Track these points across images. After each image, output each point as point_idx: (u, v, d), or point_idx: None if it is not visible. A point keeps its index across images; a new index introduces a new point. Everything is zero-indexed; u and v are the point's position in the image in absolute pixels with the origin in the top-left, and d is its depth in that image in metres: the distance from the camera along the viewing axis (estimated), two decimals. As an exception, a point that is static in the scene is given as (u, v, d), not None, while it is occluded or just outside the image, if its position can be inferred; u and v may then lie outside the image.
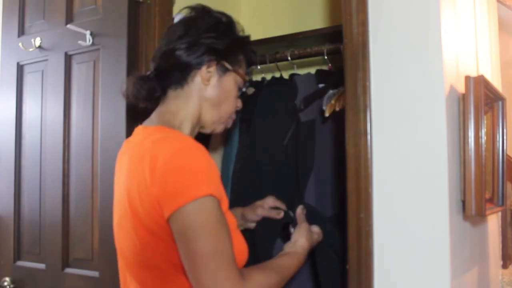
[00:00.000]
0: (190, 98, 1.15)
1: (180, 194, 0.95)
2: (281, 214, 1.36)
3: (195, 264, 0.94)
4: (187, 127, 1.15)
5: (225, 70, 1.16)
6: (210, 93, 1.15)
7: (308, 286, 1.57)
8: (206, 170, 0.99)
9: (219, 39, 1.14)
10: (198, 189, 0.95)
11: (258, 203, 1.41)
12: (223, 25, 1.18)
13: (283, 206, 1.40)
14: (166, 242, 1.00)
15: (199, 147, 1.02)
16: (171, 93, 1.16)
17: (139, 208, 1.01)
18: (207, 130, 1.21)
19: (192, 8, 1.21)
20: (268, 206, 1.40)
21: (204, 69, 1.14)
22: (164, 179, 0.96)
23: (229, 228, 1.00)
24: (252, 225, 1.42)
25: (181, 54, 1.13)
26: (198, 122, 1.17)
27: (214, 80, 1.15)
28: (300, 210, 1.36)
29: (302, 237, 1.26)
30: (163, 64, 1.15)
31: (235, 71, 1.18)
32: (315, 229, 1.34)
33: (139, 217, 1.02)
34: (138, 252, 1.05)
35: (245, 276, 0.97)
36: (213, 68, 1.15)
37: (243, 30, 1.24)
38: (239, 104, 1.23)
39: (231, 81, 1.18)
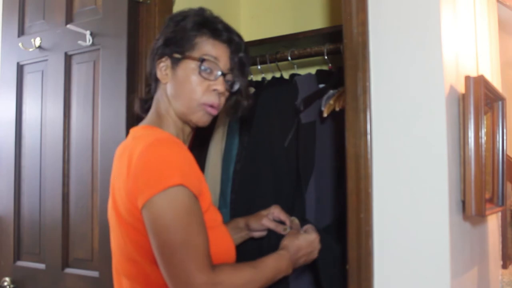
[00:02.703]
0: (160, 100, 1.17)
1: (151, 185, 0.96)
2: (287, 231, 1.32)
3: (164, 255, 0.95)
4: (170, 125, 1.16)
5: (177, 60, 1.13)
6: (169, 89, 1.15)
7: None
8: (178, 162, 1.00)
9: (172, 33, 1.14)
10: (168, 179, 0.96)
11: (263, 213, 1.38)
12: (177, 19, 1.15)
13: (287, 219, 1.36)
14: (144, 235, 1.01)
15: (175, 141, 1.05)
16: (154, 99, 1.20)
17: (120, 203, 1.04)
18: (191, 124, 1.17)
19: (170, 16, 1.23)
20: (273, 217, 1.37)
21: (158, 68, 1.15)
22: (138, 171, 0.99)
23: (203, 220, 1.00)
24: (256, 234, 1.39)
25: (148, 62, 1.19)
26: (178, 118, 1.16)
27: (170, 74, 1.14)
28: (290, 223, 1.35)
29: (285, 240, 1.23)
30: (147, 76, 1.22)
31: (186, 57, 1.11)
32: (309, 229, 1.28)
33: (121, 212, 1.04)
34: (122, 246, 1.07)
35: (216, 269, 0.96)
36: (165, 63, 1.14)
37: (208, 12, 1.17)
38: (218, 86, 1.12)
39: (185, 69, 1.12)
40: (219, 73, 1.13)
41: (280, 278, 1.14)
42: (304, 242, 1.22)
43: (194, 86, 1.11)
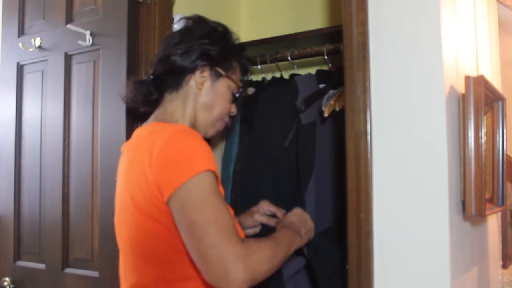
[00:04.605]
0: (185, 101, 1.20)
1: (177, 176, 0.98)
2: None
3: (195, 234, 0.96)
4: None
5: (219, 75, 1.21)
6: (203, 97, 1.20)
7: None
8: (201, 150, 1.03)
9: (213, 45, 1.19)
10: (194, 167, 0.99)
11: (254, 209, 1.44)
12: (217, 33, 1.23)
13: (278, 211, 1.42)
14: (168, 228, 1.02)
15: (193, 132, 1.08)
16: (167, 96, 1.21)
17: (139, 197, 1.04)
18: (199, 134, 1.22)
19: (189, 18, 1.26)
20: (264, 211, 1.42)
21: (197, 73, 1.19)
22: (162, 164, 1.00)
23: (225, 201, 1.03)
24: (250, 231, 1.43)
25: (176, 59, 1.18)
26: (194, 125, 1.21)
27: (207, 84, 1.20)
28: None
29: (277, 226, 1.30)
30: (160, 69, 1.21)
31: (228, 77, 1.22)
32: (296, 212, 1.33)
33: (140, 206, 1.04)
34: (138, 241, 1.08)
35: (245, 241, 0.99)
36: (206, 73, 1.20)
37: (238, 39, 1.29)
38: (234, 109, 1.27)
39: (224, 86, 1.22)
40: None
41: (278, 277, 1.15)
42: (293, 217, 1.30)
43: (226, 104, 1.24)
